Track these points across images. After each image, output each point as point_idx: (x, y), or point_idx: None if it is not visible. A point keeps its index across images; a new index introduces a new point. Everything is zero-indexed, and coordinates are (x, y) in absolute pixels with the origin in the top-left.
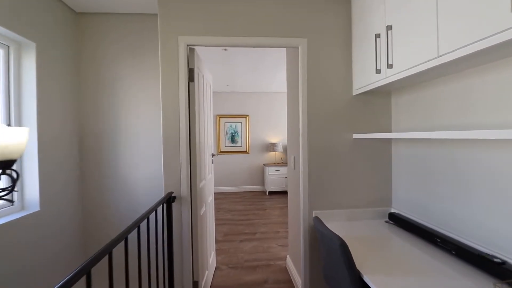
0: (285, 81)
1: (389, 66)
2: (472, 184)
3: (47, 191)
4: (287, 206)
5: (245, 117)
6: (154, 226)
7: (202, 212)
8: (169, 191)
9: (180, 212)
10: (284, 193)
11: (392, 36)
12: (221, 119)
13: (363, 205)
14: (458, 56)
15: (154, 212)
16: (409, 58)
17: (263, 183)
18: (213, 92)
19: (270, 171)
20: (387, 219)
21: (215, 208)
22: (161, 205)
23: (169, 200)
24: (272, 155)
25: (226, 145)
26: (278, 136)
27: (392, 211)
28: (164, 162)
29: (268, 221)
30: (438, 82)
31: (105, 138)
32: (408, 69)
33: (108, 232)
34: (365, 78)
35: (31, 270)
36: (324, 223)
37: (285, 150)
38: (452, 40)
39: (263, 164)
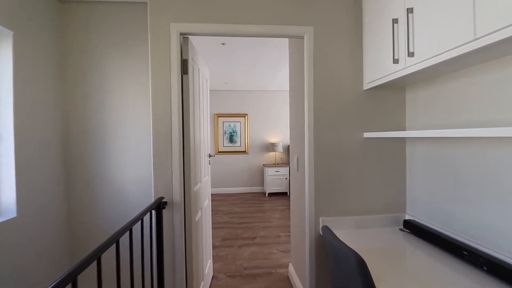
0: (286, 79)
1: (410, 54)
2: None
3: (25, 195)
4: (287, 208)
5: (244, 116)
6: (140, 237)
7: (197, 218)
8: (160, 195)
9: (172, 219)
10: (284, 194)
11: (413, 20)
12: (219, 118)
13: (375, 211)
14: (501, 38)
15: (140, 221)
16: (436, 44)
17: (262, 184)
18: (211, 91)
19: (269, 171)
20: (402, 227)
21: (213, 210)
22: (149, 213)
23: (159, 206)
24: (272, 156)
25: (225, 145)
26: (278, 135)
27: (407, 218)
28: (154, 163)
29: (268, 224)
30: (468, 72)
31: (92, 137)
32: (435, 56)
33: (97, 236)
34: (378, 70)
35: (9, 277)
36: (333, 230)
37: (285, 150)
38: (493, 19)
39: (263, 165)
